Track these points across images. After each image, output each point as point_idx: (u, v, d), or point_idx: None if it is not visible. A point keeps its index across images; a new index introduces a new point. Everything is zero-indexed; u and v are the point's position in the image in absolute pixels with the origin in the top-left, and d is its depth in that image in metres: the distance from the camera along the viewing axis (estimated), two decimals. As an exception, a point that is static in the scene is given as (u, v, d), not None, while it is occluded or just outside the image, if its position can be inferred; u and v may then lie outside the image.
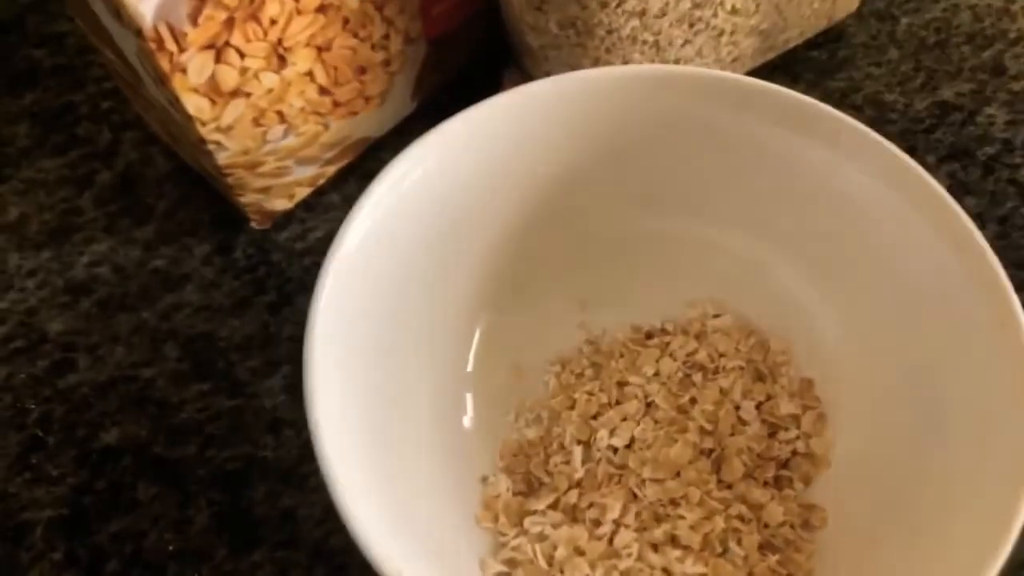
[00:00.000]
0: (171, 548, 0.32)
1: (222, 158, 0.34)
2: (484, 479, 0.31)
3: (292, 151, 0.36)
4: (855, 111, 0.41)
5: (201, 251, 0.38)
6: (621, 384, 0.33)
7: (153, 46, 0.29)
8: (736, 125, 0.31)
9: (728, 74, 0.31)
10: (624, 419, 0.32)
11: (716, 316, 0.34)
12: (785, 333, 0.33)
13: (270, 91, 0.33)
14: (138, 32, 0.29)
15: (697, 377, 0.32)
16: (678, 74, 0.31)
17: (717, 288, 0.34)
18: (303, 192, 0.39)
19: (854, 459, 0.31)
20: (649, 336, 0.34)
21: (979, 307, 0.27)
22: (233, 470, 0.34)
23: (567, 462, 0.31)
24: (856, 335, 0.32)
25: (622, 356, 0.33)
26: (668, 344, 0.33)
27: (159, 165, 0.41)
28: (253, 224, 0.38)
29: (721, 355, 0.33)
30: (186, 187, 0.40)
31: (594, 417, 0.32)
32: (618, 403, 0.32)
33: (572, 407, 0.32)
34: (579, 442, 0.31)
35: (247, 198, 0.37)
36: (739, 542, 0.29)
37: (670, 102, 0.31)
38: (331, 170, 0.39)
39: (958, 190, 0.39)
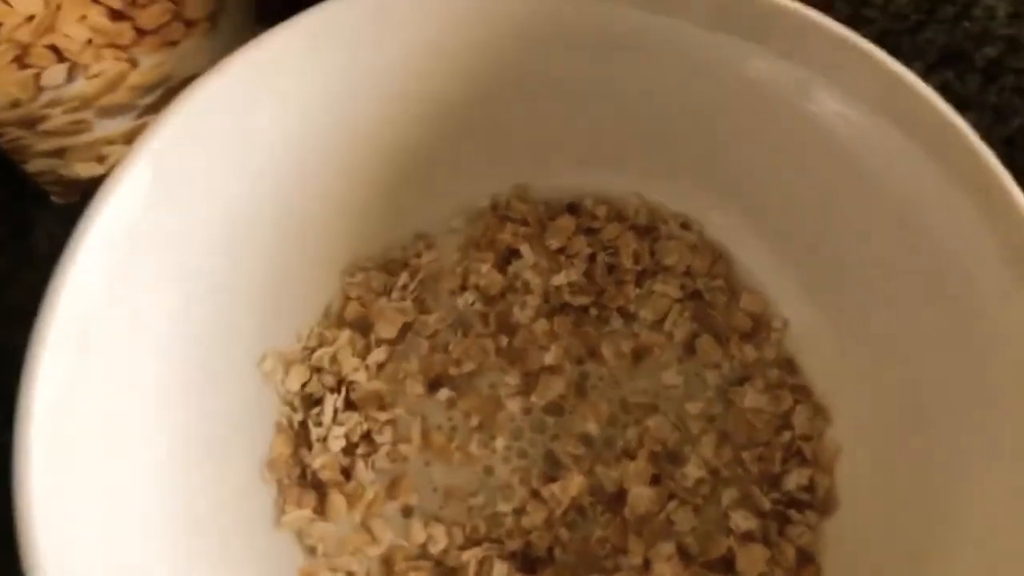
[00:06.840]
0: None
1: (-21, 115, 0.26)
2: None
3: (88, 99, 0.28)
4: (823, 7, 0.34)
5: (-11, 237, 0.30)
6: None
7: None
8: (650, 31, 0.24)
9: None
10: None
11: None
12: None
13: (31, 19, 0.25)
14: None
15: None
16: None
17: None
18: (119, 152, 0.30)
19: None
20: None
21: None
22: None
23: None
24: (829, 307, 0.26)
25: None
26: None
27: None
28: (54, 199, 0.30)
29: None
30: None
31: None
32: None
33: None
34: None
35: (35, 165, 0.28)
36: None
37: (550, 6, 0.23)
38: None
39: (952, 103, 0.32)
